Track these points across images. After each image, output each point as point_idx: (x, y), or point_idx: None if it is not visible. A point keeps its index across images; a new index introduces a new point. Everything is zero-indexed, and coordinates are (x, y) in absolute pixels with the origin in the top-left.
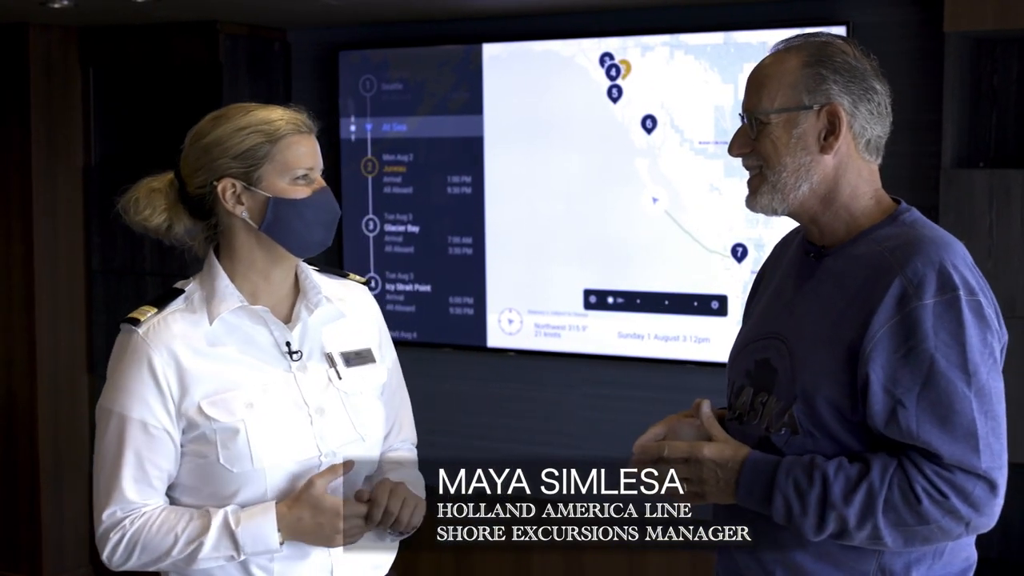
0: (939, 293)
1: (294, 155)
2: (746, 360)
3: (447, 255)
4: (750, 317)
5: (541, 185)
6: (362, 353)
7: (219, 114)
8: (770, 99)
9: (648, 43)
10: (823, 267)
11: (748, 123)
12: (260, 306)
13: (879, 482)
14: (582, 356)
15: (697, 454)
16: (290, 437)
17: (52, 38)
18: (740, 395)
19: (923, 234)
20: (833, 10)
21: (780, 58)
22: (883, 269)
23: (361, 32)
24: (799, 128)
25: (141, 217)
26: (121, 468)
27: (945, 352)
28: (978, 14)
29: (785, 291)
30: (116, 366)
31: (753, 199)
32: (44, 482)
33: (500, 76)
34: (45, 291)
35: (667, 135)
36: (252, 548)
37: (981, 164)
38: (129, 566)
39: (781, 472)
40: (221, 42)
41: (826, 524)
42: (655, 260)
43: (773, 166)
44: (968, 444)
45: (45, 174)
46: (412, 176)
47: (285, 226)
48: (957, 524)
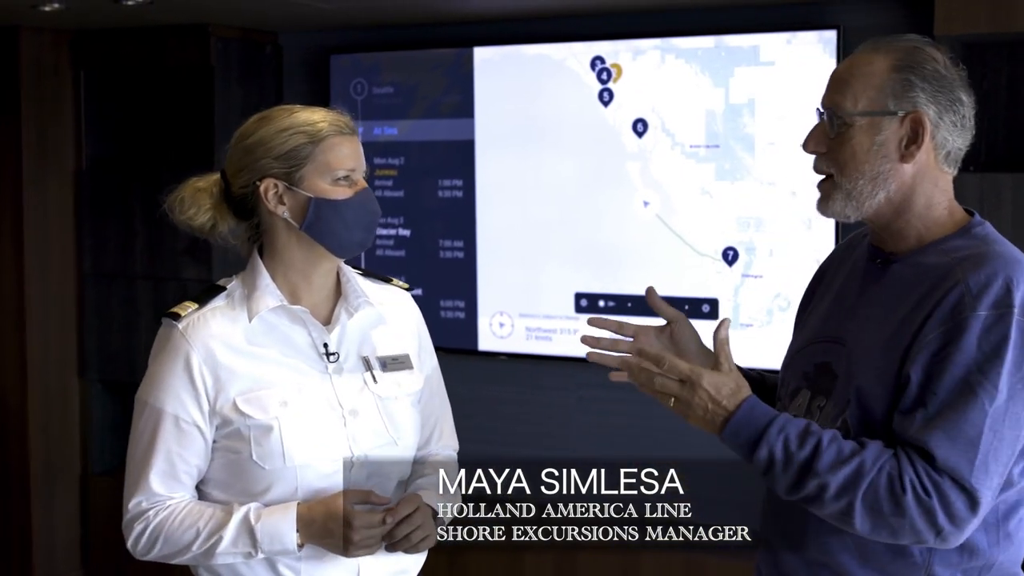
0: (994, 307)
1: (336, 156)
2: (804, 362)
3: (438, 258)
4: (808, 318)
5: (532, 189)
6: (399, 358)
7: (264, 115)
8: (854, 100)
9: (639, 47)
10: (890, 273)
11: (828, 120)
12: (299, 306)
13: (871, 463)
14: (573, 359)
15: (696, 378)
16: (323, 437)
17: (44, 41)
18: (796, 397)
19: (994, 248)
20: (824, 14)
21: (868, 58)
22: (947, 277)
23: (352, 35)
24: (882, 135)
25: (186, 216)
26: (150, 460)
27: (981, 364)
28: (968, 18)
29: (849, 295)
30: (155, 359)
31: (825, 204)
32: (35, 485)
33: (491, 80)
34: (36, 294)
35: (658, 139)
36: (269, 546)
37: (971, 168)
38: (152, 556)
39: (774, 426)
40: (213, 45)
41: (803, 487)
42: (646, 263)
43: (849, 174)
44: (965, 455)
45: (36, 177)
46: (403, 179)
47: (326, 226)
48: (929, 528)
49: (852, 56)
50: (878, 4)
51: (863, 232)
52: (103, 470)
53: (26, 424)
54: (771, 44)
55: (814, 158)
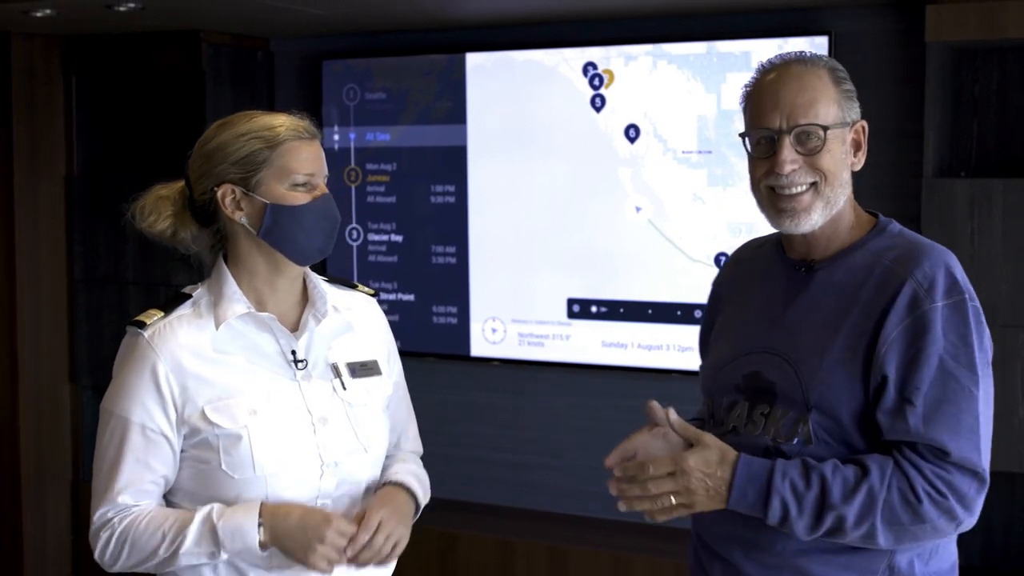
0: (947, 296)
1: (294, 161)
2: (732, 376)
3: (431, 264)
4: (723, 335)
5: (525, 194)
6: (368, 365)
7: (224, 121)
8: (825, 113)
9: (631, 52)
10: (817, 280)
11: (804, 137)
12: (267, 313)
13: (879, 483)
14: (566, 365)
15: (682, 465)
16: (293, 445)
17: (35, 47)
18: (733, 409)
19: (920, 242)
20: (815, 20)
21: (816, 74)
22: (891, 276)
23: (344, 41)
24: (845, 145)
25: (146, 223)
26: (117, 470)
27: (954, 353)
28: (960, 24)
29: (772, 306)
30: (120, 368)
31: (806, 216)
32: (26, 491)
33: (483, 85)
34: (27, 300)
35: (650, 144)
36: (231, 544)
37: (962, 173)
38: (120, 566)
39: (777, 474)
40: (204, 51)
41: (822, 523)
42: (638, 269)
43: (832, 181)
44: (971, 443)
45: (27, 183)
46: (395, 185)
47: (284, 232)
48: (950, 523)
49: (792, 70)
50: (869, 10)
51: (754, 244)
52: None
53: (17, 430)
54: (763, 50)
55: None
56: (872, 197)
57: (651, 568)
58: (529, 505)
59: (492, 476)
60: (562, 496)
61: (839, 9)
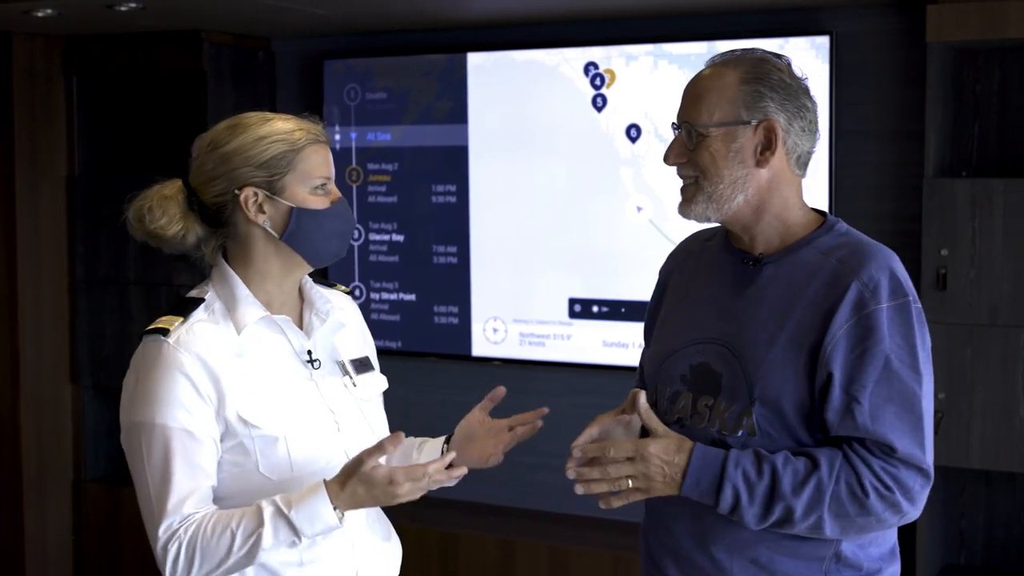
0: (892, 298)
1: (314, 164)
2: (678, 366)
3: (432, 264)
4: (667, 325)
5: (526, 194)
6: (363, 361)
7: (235, 123)
8: (709, 113)
9: (632, 52)
10: (765, 274)
11: (686, 134)
12: (282, 316)
13: (827, 476)
14: (567, 365)
15: (643, 451)
16: (322, 445)
17: (36, 47)
18: (677, 400)
19: (866, 243)
20: (816, 20)
21: (719, 72)
22: (837, 276)
23: (345, 41)
24: (737, 142)
25: (157, 226)
26: (171, 480)
27: (899, 353)
28: (961, 24)
29: (720, 298)
30: (146, 378)
31: (687, 207)
32: (27, 492)
33: (485, 85)
34: (28, 301)
35: (651, 144)
36: (311, 529)
37: (964, 173)
38: None
39: (730, 463)
40: (205, 51)
41: (771, 513)
42: (640, 269)
43: (711, 177)
44: (916, 439)
45: (28, 183)
46: (397, 185)
47: (305, 236)
48: (895, 515)
49: (702, 72)
50: (870, 10)
51: (704, 236)
52: (96, 476)
53: (19, 430)
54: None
55: (676, 168)
56: (873, 197)
57: None
58: (530, 505)
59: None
60: (563, 496)
61: (840, 9)
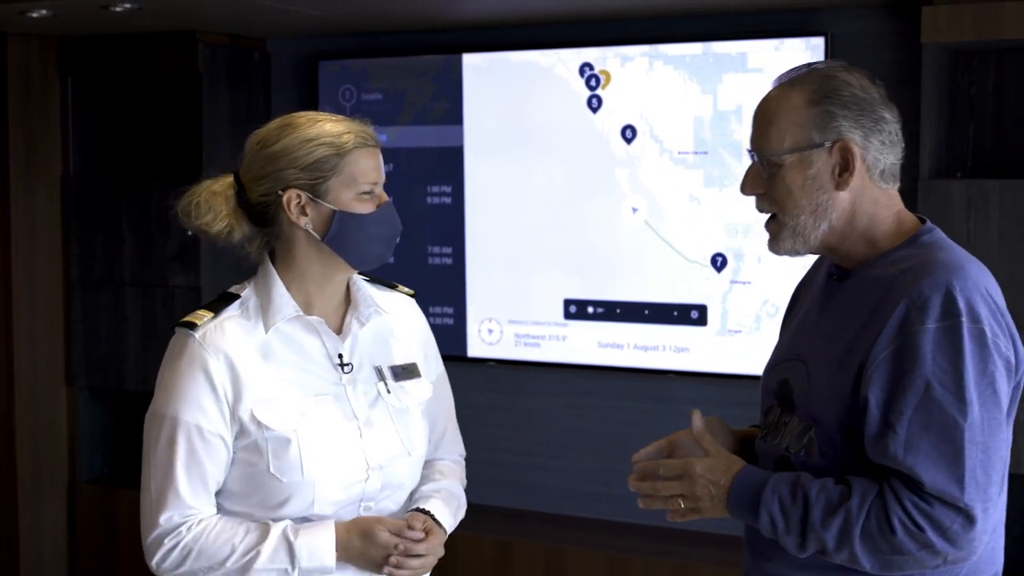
0: (941, 319)
1: (361, 169)
2: (772, 380)
3: (427, 265)
4: (779, 338)
5: (521, 195)
6: (408, 367)
7: (287, 122)
8: (779, 139)
9: (627, 53)
10: (843, 289)
11: (760, 163)
12: (315, 317)
13: (857, 509)
14: (562, 366)
15: (690, 471)
16: (339, 449)
17: (31, 48)
18: (769, 414)
19: (936, 256)
20: (812, 21)
21: (785, 94)
22: (893, 291)
23: (341, 42)
24: (813, 168)
25: (203, 222)
26: (175, 473)
27: (941, 379)
28: (956, 25)
29: (811, 313)
30: (171, 370)
31: (775, 244)
32: (22, 493)
33: (480, 86)
34: (23, 302)
35: (647, 145)
36: (308, 563)
37: (959, 174)
38: (179, 573)
39: (768, 488)
40: (200, 52)
41: (807, 544)
42: (635, 270)
43: (789, 211)
44: (953, 474)
45: (23, 184)
46: (392, 186)
47: (348, 240)
48: (933, 557)
49: (768, 94)
50: (865, 11)
51: None
52: (91, 478)
53: (13, 432)
54: (759, 51)
55: (755, 200)
56: None
57: (647, 569)
58: (526, 506)
59: (489, 477)
60: (559, 497)
61: (835, 10)
